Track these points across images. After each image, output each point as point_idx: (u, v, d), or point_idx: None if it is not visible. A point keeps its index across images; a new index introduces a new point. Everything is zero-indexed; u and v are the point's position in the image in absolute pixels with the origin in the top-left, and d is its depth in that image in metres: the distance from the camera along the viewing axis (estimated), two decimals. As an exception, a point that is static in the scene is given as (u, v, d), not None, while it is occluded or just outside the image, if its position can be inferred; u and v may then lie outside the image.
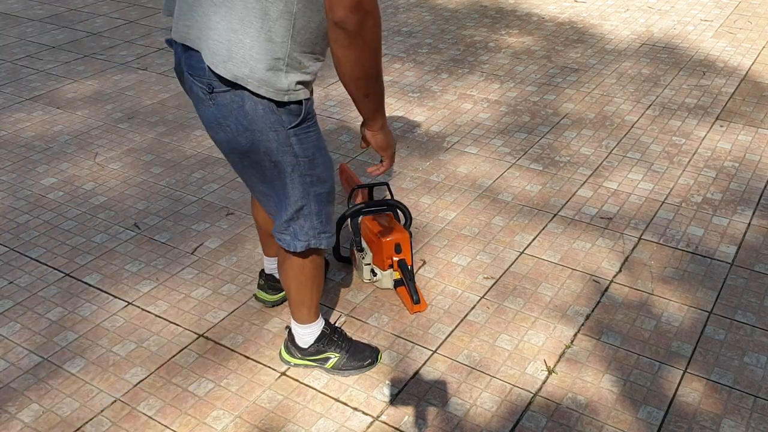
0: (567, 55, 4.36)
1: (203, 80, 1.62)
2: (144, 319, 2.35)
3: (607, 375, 2.09)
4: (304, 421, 1.97)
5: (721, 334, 2.23)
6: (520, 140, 3.39)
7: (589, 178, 3.07)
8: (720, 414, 1.96)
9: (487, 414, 1.98)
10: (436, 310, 2.35)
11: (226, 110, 1.63)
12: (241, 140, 1.67)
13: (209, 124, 1.69)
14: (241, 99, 1.61)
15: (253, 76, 1.57)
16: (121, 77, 4.20)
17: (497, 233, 2.73)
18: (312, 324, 2.07)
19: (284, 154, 1.69)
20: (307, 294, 1.99)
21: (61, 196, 3.04)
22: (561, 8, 5.16)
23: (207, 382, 2.10)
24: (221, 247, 2.69)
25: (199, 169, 3.22)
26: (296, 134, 1.68)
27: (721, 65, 4.14)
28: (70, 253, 2.68)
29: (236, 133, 1.66)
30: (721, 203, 2.88)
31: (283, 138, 1.66)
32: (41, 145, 3.46)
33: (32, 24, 5.13)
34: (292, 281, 1.97)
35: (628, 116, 3.59)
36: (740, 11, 5.04)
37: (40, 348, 2.24)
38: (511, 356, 2.17)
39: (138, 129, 3.60)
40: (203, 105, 1.66)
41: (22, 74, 4.28)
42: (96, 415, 2.00)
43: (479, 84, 3.98)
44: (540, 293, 2.42)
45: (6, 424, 1.98)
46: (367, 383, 2.09)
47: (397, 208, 2.38)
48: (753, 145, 3.30)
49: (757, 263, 2.54)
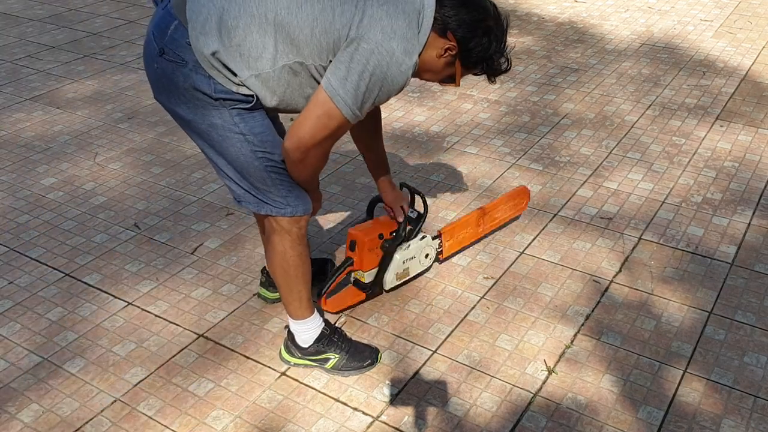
0: (567, 55, 4.36)
1: None
2: (144, 319, 2.35)
3: (607, 375, 2.09)
4: (304, 421, 1.97)
5: (721, 334, 2.23)
6: (520, 140, 3.39)
7: (589, 178, 3.07)
8: (720, 414, 1.96)
9: (487, 414, 1.98)
10: (436, 310, 2.35)
11: None
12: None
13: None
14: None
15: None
16: (121, 77, 4.20)
17: (497, 233, 2.73)
18: (307, 320, 2.07)
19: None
20: (294, 284, 2.00)
21: (61, 196, 3.04)
22: (561, 8, 5.16)
23: (207, 382, 2.10)
24: (221, 247, 2.69)
25: (199, 169, 3.22)
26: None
27: (721, 65, 4.14)
28: (70, 253, 2.68)
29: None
30: (721, 203, 2.88)
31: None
32: (41, 145, 3.46)
33: (32, 24, 5.13)
34: (278, 271, 1.98)
35: (628, 116, 3.59)
36: (740, 11, 5.04)
37: (40, 348, 2.24)
38: (511, 356, 2.17)
39: (138, 129, 3.60)
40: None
41: (22, 74, 4.28)
42: (96, 415, 2.00)
43: (479, 84, 3.98)
44: (540, 293, 2.42)
45: (6, 424, 1.98)
46: (367, 383, 2.09)
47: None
48: (753, 145, 3.30)
49: (757, 263, 2.53)
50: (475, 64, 1.84)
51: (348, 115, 1.68)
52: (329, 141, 1.74)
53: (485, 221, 2.58)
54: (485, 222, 2.58)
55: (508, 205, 2.66)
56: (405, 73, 1.69)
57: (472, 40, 1.77)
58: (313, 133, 1.70)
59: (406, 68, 1.68)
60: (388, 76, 1.66)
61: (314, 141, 1.71)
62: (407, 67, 1.68)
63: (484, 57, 1.82)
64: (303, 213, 1.91)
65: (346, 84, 1.64)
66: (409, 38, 1.68)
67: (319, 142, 1.72)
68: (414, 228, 2.33)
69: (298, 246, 1.95)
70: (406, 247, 2.34)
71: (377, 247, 2.27)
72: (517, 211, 2.71)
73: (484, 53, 1.81)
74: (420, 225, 2.34)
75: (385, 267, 2.32)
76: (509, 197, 2.65)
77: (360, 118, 1.73)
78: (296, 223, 1.92)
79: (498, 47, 1.82)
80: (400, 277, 2.36)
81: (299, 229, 1.93)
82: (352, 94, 1.65)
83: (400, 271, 2.35)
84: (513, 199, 2.66)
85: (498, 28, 1.81)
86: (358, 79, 1.64)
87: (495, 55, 1.83)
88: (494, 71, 1.87)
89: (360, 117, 1.72)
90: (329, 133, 1.71)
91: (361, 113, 1.71)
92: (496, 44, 1.81)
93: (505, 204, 2.64)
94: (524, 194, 2.71)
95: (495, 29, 1.80)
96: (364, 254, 2.27)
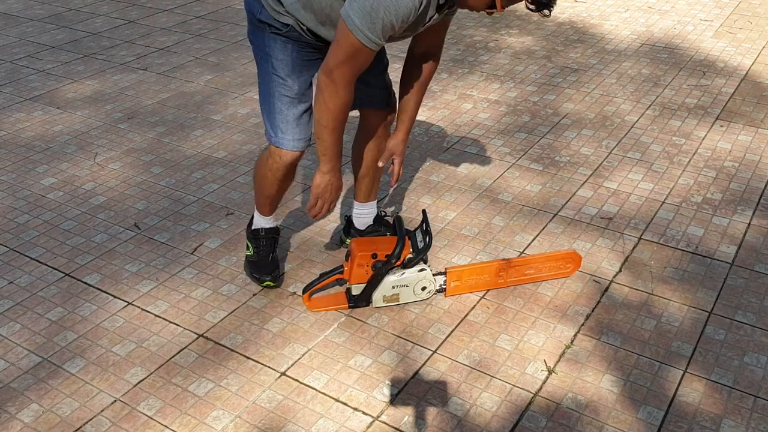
0: (567, 55, 4.36)
1: None
2: (144, 319, 2.35)
3: (607, 375, 2.09)
4: (304, 421, 1.97)
5: (721, 334, 2.23)
6: (520, 140, 3.39)
7: (589, 178, 3.07)
8: (720, 414, 1.96)
9: (487, 414, 1.98)
10: (436, 310, 2.35)
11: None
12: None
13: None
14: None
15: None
16: (121, 77, 4.20)
17: (497, 233, 2.73)
18: (260, 216, 2.46)
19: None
20: (262, 191, 2.36)
21: (61, 196, 3.04)
22: (561, 8, 5.16)
23: (207, 382, 2.10)
24: (221, 247, 2.69)
25: (199, 169, 3.22)
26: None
27: (721, 65, 4.14)
28: (70, 253, 2.68)
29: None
30: (721, 203, 2.88)
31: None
32: (41, 145, 3.46)
33: (32, 24, 5.13)
34: (256, 177, 2.35)
35: (628, 116, 3.59)
36: (740, 11, 5.04)
37: (40, 348, 2.24)
38: (511, 356, 2.17)
39: (138, 129, 3.60)
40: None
41: (22, 74, 4.28)
42: (96, 415, 2.00)
43: (479, 84, 3.99)
44: (540, 293, 2.42)
45: (6, 424, 1.98)
46: (367, 383, 2.09)
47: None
48: (753, 145, 3.30)
49: (757, 263, 2.54)
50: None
51: (361, 38, 1.80)
52: (349, 64, 1.87)
53: (510, 274, 2.41)
54: (510, 275, 2.41)
55: (548, 265, 2.44)
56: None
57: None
58: (335, 55, 1.87)
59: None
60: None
61: (336, 62, 1.87)
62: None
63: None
64: (285, 148, 2.17)
65: (354, 5, 1.78)
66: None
67: (340, 63, 1.87)
68: (414, 258, 2.30)
69: (277, 172, 2.24)
70: (401, 274, 2.30)
71: (368, 264, 2.26)
72: (559, 274, 2.47)
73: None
74: (421, 257, 2.30)
75: (374, 286, 2.30)
76: (550, 258, 2.43)
77: (376, 43, 1.82)
78: (278, 155, 2.19)
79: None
80: (387, 300, 2.33)
81: (280, 160, 2.20)
82: (361, 15, 1.77)
83: (387, 295, 2.32)
84: (555, 260, 2.44)
85: None
86: (364, 1, 1.76)
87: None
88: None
89: (375, 41, 1.81)
90: (346, 56, 1.86)
91: (375, 36, 1.80)
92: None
93: (543, 263, 2.43)
94: (571, 259, 2.46)
95: None
96: (353, 268, 2.27)
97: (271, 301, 2.41)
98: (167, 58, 4.45)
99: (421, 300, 2.37)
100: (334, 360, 2.17)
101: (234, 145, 3.41)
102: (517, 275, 2.43)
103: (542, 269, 2.44)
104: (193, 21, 5.12)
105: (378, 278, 2.28)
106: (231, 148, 3.39)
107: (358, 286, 2.31)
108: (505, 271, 2.40)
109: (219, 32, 4.88)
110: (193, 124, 3.62)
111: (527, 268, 2.42)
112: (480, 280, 2.40)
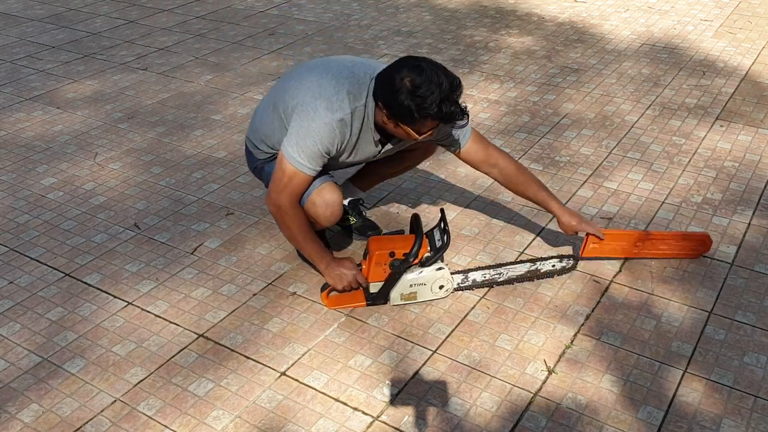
0: (567, 55, 4.36)
1: None
2: (144, 319, 2.35)
3: (607, 375, 2.09)
4: (304, 421, 1.97)
5: (721, 334, 2.23)
6: (520, 140, 3.39)
7: (589, 178, 3.07)
8: (720, 414, 1.96)
9: (487, 414, 1.98)
10: (436, 310, 2.35)
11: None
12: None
13: None
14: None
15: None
16: (121, 77, 4.20)
17: (497, 233, 2.73)
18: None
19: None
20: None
21: (61, 196, 3.04)
22: (561, 8, 5.16)
23: (207, 382, 2.10)
24: (221, 247, 2.69)
25: (199, 169, 3.22)
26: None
27: (721, 65, 4.14)
28: (70, 253, 2.68)
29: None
30: (721, 203, 2.88)
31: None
32: (41, 145, 3.46)
33: (32, 24, 5.13)
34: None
35: (628, 116, 3.59)
36: (740, 11, 5.04)
37: (40, 348, 2.24)
38: (511, 356, 2.17)
39: (138, 129, 3.60)
40: None
41: (22, 74, 4.28)
42: (96, 415, 2.00)
43: (479, 84, 3.99)
44: (540, 293, 2.42)
45: (6, 424, 1.98)
46: (367, 383, 2.09)
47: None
48: (753, 145, 3.30)
49: (757, 263, 2.53)
50: (413, 121, 2.03)
51: (294, 164, 2.13)
52: (287, 190, 2.16)
53: (646, 246, 2.45)
54: (645, 246, 2.45)
55: (681, 244, 2.48)
56: (329, 125, 2.09)
57: (394, 106, 2.01)
58: (275, 184, 2.17)
59: (330, 120, 2.09)
60: (313, 126, 2.09)
61: (277, 190, 2.17)
62: (330, 120, 2.09)
63: (418, 115, 1.99)
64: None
65: (289, 139, 2.14)
66: (332, 98, 2.09)
67: (281, 190, 2.16)
68: (432, 256, 2.30)
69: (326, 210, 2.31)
70: (419, 272, 2.31)
71: (385, 263, 2.28)
72: (689, 255, 2.50)
73: (417, 111, 1.98)
74: (439, 255, 2.30)
75: (391, 284, 2.32)
76: (686, 237, 2.46)
77: (308, 168, 2.13)
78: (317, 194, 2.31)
79: (425, 103, 1.96)
80: (405, 298, 2.35)
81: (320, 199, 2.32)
82: (293, 145, 2.12)
83: (405, 293, 2.34)
84: (689, 240, 2.47)
85: (426, 86, 1.96)
86: (294, 133, 2.12)
87: (430, 110, 1.97)
88: (445, 120, 2.05)
89: (307, 166, 2.12)
90: (284, 183, 2.15)
91: (305, 161, 2.12)
92: (421, 101, 1.96)
93: (678, 241, 2.47)
94: (703, 242, 2.47)
95: (420, 88, 1.96)
96: (371, 266, 2.29)
97: (271, 301, 2.41)
98: (167, 58, 4.45)
99: (439, 299, 2.38)
100: (334, 360, 2.17)
101: (234, 145, 3.41)
102: (652, 248, 2.47)
103: (675, 247, 2.48)
104: (193, 21, 5.12)
105: (396, 276, 2.30)
106: (231, 148, 3.39)
107: (375, 284, 2.32)
108: (642, 242, 2.45)
109: (219, 32, 4.88)
110: (193, 124, 3.62)
111: (663, 243, 2.47)
112: (618, 246, 2.45)
